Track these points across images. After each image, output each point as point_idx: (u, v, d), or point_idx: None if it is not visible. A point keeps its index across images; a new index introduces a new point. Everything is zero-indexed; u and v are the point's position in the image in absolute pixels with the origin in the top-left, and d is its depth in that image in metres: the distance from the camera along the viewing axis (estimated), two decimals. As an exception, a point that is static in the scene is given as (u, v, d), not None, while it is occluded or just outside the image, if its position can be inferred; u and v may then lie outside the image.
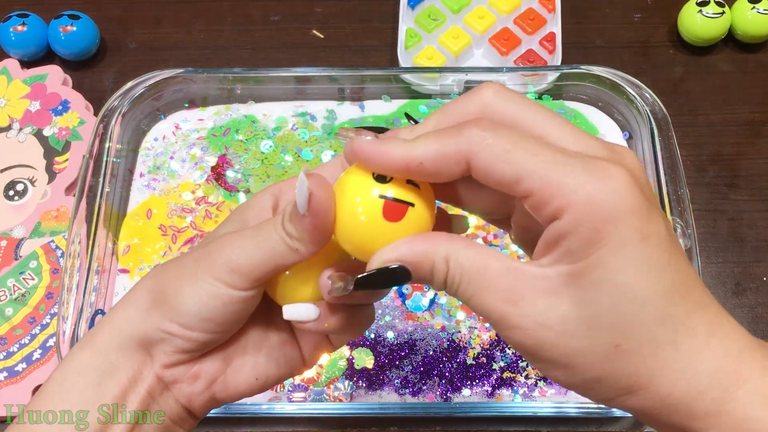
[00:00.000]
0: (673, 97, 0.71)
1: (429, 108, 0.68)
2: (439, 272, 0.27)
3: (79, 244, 0.59)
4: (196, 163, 0.67)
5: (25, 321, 0.61)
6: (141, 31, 0.77)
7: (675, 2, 0.74)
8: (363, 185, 0.28)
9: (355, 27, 0.77)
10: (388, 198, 0.27)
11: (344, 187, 0.29)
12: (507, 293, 0.26)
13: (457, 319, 0.59)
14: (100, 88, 0.73)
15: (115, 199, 0.64)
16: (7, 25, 0.72)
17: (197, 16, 0.78)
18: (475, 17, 0.72)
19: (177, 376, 0.33)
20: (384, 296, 0.32)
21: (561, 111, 0.68)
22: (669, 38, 0.75)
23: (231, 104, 0.70)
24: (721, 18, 0.71)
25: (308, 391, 0.57)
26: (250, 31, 0.77)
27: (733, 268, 0.64)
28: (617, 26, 0.77)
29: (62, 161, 0.67)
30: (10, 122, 0.69)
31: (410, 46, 0.71)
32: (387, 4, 0.78)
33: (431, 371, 0.58)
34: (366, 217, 0.28)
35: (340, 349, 0.58)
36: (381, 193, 0.28)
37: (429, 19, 0.72)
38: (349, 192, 0.28)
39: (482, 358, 0.58)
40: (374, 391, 0.57)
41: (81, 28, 0.72)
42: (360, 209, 0.28)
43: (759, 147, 0.69)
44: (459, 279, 0.27)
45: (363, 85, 0.68)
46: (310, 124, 0.68)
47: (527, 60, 0.70)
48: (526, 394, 0.57)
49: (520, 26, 0.72)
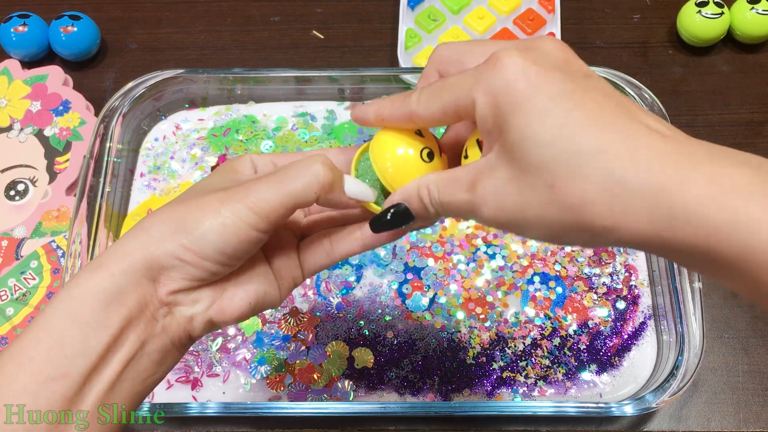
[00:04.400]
0: (672, 98, 0.71)
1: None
2: (424, 198, 0.35)
3: (79, 244, 0.59)
4: (196, 163, 0.67)
5: (26, 321, 0.61)
6: (141, 32, 0.77)
7: (674, 3, 0.74)
8: (401, 137, 0.37)
9: (355, 27, 0.77)
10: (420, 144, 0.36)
11: (385, 141, 0.37)
12: (467, 185, 0.33)
13: (457, 318, 0.59)
14: (100, 88, 0.73)
15: (116, 199, 0.64)
16: (8, 26, 0.72)
17: (198, 16, 0.78)
18: (475, 18, 0.72)
19: (180, 300, 0.36)
20: (385, 241, 0.40)
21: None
22: (668, 39, 0.76)
23: (231, 104, 0.70)
24: (720, 18, 0.71)
25: (308, 390, 0.57)
26: (250, 32, 0.77)
27: (732, 267, 0.64)
28: (616, 27, 0.77)
29: (63, 161, 0.67)
30: (11, 122, 0.69)
31: (410, 46, 0.71)
32: (387, 4, 0.78)
33: (431, 371, 0.58)
34: (405, 160, 0.36)
35: (340, 348, 0.58)
36: (416, 142, 0.36)
37: (429, 20, 0.72)
38: (391, 142, 0.37)
39: (482, 358, 0.58)
40: (374, 391, 0.57)
41: (82, 29, 0.72)
42: (404, 151, 0.36)
43: (758, 147, 0.69)
44: (436, 195, 0.34)
45: (363, 86, 0.68)
46: (310, 124, 0.68)
47: (527, 60, 0.70)
48: (526, 393, 0.57)
49: (519, 27, 0.72)
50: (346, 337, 0.59)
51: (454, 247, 0.62)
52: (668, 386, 0.53)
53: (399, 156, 0.36)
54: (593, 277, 0.61)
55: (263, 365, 0.58)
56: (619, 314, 0.60)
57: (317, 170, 0.35)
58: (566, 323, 0.59)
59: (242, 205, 0.34)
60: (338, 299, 0.60)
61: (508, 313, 0.60)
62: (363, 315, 0.60)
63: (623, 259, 0.62)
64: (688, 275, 0.57)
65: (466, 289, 0.61)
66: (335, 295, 0.61)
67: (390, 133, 0.37)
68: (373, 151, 0.37)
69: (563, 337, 0.59)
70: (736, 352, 0.60)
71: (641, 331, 0.59)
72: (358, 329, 0.59)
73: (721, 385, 0.59)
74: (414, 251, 0.62)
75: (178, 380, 0.58)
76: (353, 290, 0.61)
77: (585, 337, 0.59)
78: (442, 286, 0.61)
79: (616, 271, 0.61)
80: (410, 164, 0.36)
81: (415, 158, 0.36)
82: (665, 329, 0.58)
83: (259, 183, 0.35)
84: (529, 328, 0.59)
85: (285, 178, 0.35)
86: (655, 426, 0.58)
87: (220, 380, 0.58)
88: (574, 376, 0.57)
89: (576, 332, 0.59)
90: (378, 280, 0.61)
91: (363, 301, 0.61)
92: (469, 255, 0.62)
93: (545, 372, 0.57)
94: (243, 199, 0.35)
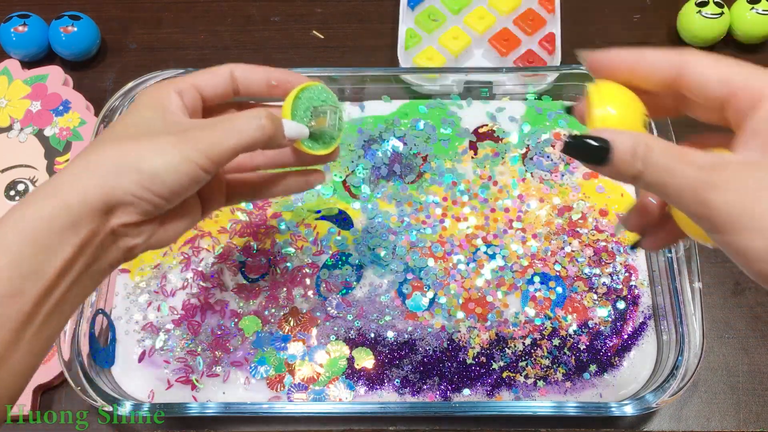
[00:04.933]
0: (672, 98, 0.71)
1: (429, 108, 0.68)
2: (638, 151, 0.32)
3: (79, 244, 0.59)
4: (196, 163, 0.67)
5: (26, 321, 0.61)
6: (141, 32, 0.77)
7: (674, 3, 0.74)
8: (634, 94, 0.36)
9: (355, 27, 0.77)
10: None
11: (620, 90, 0.36)
12: (701, 164, 0.31)
13: (457, 318, 0.59)
14: (100, 88, 0.73)
15: (116, 199, 0.64)
16: (8, 26, 0.72)
17: (197, 16, 0.78)
18: (475, 18, 0.72)
19: (127, 232, 0.40)
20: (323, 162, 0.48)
21: (561, 111, 0.68)
22: (668, 39, 0.76)
23: (231, 104, 0.70)
24: (720, 18, 0.71)
25: (308, 390, 0.57)
26: (250, 32, 0.77)
27: (732, 267, 0.64)
28: (617, 27, 0.77)
29: (63, 161, 0.67)
30: (11, 122, 0.69)
31: (410, 46, 0.71)
32: (387, 4, 0.78)
33: (431, 371, 0.58)
34: (633, 111, 0.35)
35: (340, 348, 0.58)
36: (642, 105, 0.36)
37: (429, 20, 0.72)
38: (627, 93, 0.36)
39: (482, 358, 0.58)
40: (374, 391, 0.57)
41: (82, 29, 0.72)
42: (632, 105, 0.35)
43: (758, 147, 0.69)
44: (656, 156, 0.32)
45: (363, 86, 0.68)
46: (310, 124, 0.68)
47: (527, 60, 0.70)
48: (526, 393, 0.57)
49: (519, 27, 0.72)
50: (346, 337, 0.59)
51: (454, 247, 0.62)
52: (668, 386, 0.53)
53: (628, 105, 0.35)
54: (593, 277, 0.61)
55: (263, 365, 0.58)
56: (619, 314, 0.60)
57: (263, 124, 0.40)
58: (566, 323, 0.59)
59: (196, 151, 0.38)
60: (338, 299, 0.60)
61: (508, 313, 0.60)
62: (363, 315, 0.60)
63: (623, 259, 0.62)
64: (688, 275, 0.57)
65: (466, 289, 0.61)
66: (335, 295, 0.61)
67: (624, 87, 0.36)
68: (603, 91, 0.36)
69: (563, 337, 0.59)
70: (736, 352, 0.60)
71: (641, 331, 0.59)
72: (358, 329, 0.59)
73: (721, 385, 0.59)
74: (414, 251, 0.62)
75: (178, 380, 0.58)
76: (353, 290, 0.61)
77: (585, 337, 0.59)
78: (442, 286, 0.61)
79: (616, 272, 0.61)
80: (632, 117, 0.35)
81: (640, 115, 0.35)
82: (665, 329, 0.58)
83: (213, 131, 0.40)
84: (529, 328, 0.59)
85: (234, 129, 0.40)
86: (655, 426, 0.58)
87: (220, 380, 0.58)
88: (574, 376, 0.57)
89: (576, 332, 0.59)
90: (378, 280, 0.61)
91: (363, 301, 0.61)
92: (469, 255, 0.62)
93: (545, 372, 0.57)
94: (197, 145, 0.39)
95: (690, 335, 0.55)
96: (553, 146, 0.66)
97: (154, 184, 0.38)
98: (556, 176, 0.65)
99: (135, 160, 0.38)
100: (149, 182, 0.38)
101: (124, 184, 0.37)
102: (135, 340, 0.59)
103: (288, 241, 0.63)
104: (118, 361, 0.59)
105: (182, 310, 0.61)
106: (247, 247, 0.63)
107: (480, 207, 0.64)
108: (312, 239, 0.63)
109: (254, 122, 0.40)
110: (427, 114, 0.68)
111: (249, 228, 0.64)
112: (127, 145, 0.39)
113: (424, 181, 0.65)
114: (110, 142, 0.39)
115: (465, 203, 0.64)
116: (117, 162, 0.38)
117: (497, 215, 0.64)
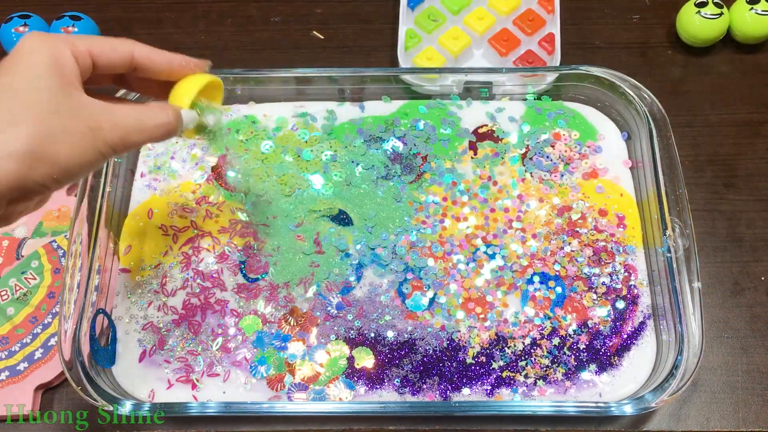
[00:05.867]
0: (671, 98, 0.71)
1: (429, 108, 0.69)
2: None
3: (80, 244, 0.59)
4: (196, 163, 0.67)
5: (26, 320, 0.61)
6: (142, 32, 0.78)
7: (673, 3, 0.75)
8: None
9: (355, 27, 0.77)
10: None
11: None
12: None
13: (457, 318, 0.60)
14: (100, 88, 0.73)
15: (117, 199, 0.64)
16: (9, 26, 0.72)
17: (198, 16, 0.78)
18: (475, 18, 0.72)
19: (24, 205, 0.42)
20: None
21: (560, 111, 0.68)
22: (667, 39, 0.76)
23: (231, 105, 0.70)
24: (720, 19, 0.71)
25: (308, 390, 0.57)
26: (250, 32, 0.78)
27: (732, 267, 0.64)
28: (616, 27, 0.77)
29: (63, 161, 0.67)
30: (11, 122, 0.69)
31: (410, 46, 0.71)
32: (387, 4, 0.78)
33: (431, 370, 0.58)
34: None
35: (340, 348, 0.59)
36: None
37: (429, 20, 0.72)
38: None
39: (481, 358, 0.58)
40: (374, 390, 0.57)
41: (82, 29, 0.72)
42: None
43: (757, 147, 0.69)
44: None
45: (363, 86, 0.68)
46: (310, 124, 0.68)
47: (526, 61, 0.70)
48: (525, 393, 0.57)
49: (519, 27, 0.72)
50: (346, 336, 0.59)
51: (453, 247, 0.62)
52: (667, 386, 0.53)
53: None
54: (593, 277, 0.61)
55: (263, 365, 0.58)
56: (619, 314, 0.60)
57: (171, 122, 0.45)
58: (566, 323, 0.59)
59: (108, 146, 0.41)
60: (338, 299, 0.61)
61: (508, 313, 0.60)
62: (363, 315, 0.60)
63: (623, 259, 0.62)
64: (687, 275, 0.57)
65: (466, 289, 0.61)
66: (335, 295, 0.61)
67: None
68: None
69: (563, 336, 0.59)
70: (735, 351, 0.60)
71: (641, 330, 0.59)
72: (358, 329, 0.59)
73: (721, 384, 0.59)
74: (414, 251, 0.62)
75: (178, 380, 0.58)
76: (353, 290, 0.61)
77: (584, 337, 0.59)
78: (442, 286, 0.61)
79: (616, 271, 0.61)
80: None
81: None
82: (664, 329, 0.58)
83: (124, 127, 0.42)
84: (529, 328, 0.59)
85: (144, 126, 0.43)
86: (655, 426, 0.58)
87: (220, 380, 0.58)
88: (574, 376, 0.57)
89: (575, 332, 0.59)
90: (378, 280, 0.61)
91: (363, 301, 0.61)
92: (469, 255, 0.62)
93: (545, 372, 0.58)
94: (109, 140, 0.41)
95: (689, 335, 0.55)
96: (553, 146, 0.67)
97: (64, 176, 0.40)
98: (555, 176, 0.65)
99: (53, 153, 0.39)
100: (60, 175, 0.39)
101: (37, 176, 0.39)
102: (135, 340, 0.60)
103: (288, 241, 0.63)
104: (119, 360, 0.59)
105: (182, 310, 0.61)
106: (247, 247, 0.63)
107: (480, 207, 0.64)
108: (312, 239, 0.63)
109: (163, 120, 0.44)
110: (427, 114, 0.68)
111: (249, 228, 0.64)
112: (40, 127, 0.39)
113: (424, 181, 0.66)
114: (23, 119, 0.38)
115: (465, 203, 0.64)
116: (33, 150, 0.38)
117: (497, 215, 0.64)
